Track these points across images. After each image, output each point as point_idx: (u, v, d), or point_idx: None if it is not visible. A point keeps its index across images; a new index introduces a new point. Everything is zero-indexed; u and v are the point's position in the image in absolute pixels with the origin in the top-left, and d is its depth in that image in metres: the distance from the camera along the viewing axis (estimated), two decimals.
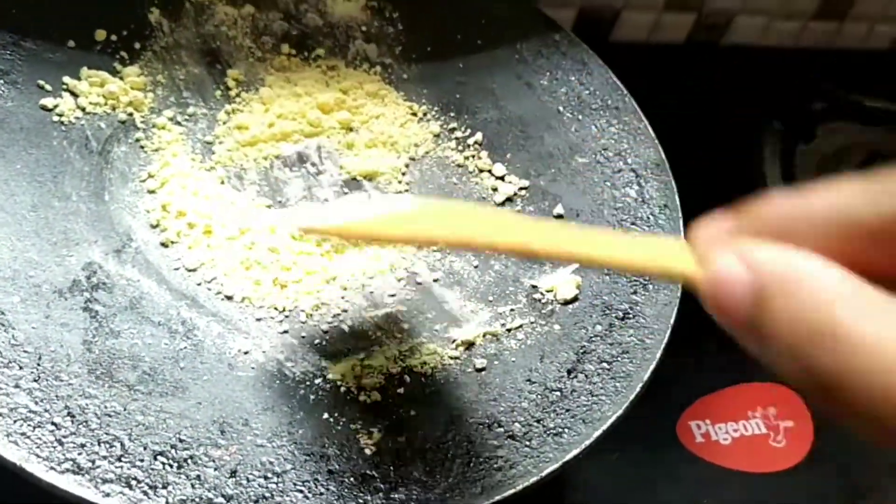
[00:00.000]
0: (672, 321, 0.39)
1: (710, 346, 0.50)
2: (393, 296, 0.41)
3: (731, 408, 0.48)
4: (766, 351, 0.17)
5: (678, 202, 0.45)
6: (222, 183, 0.43)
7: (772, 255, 0.17)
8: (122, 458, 0.31)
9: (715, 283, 0.18)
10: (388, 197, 0.44)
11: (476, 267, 0.43)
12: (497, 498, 0.33)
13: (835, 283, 0.16)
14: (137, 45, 0.46)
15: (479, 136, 0.49)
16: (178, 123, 0.45)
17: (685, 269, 0.21)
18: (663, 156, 0.47)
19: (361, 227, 0.30)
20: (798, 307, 0.16)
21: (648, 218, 0.44)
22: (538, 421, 0.36)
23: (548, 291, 0.42)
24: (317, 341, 0.38)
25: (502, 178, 0.47)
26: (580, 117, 0.49)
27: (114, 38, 0.45)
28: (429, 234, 0.29)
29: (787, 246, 0.17)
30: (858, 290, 0.15)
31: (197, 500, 0.31)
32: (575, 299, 0.41)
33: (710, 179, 0.50)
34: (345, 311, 0.40)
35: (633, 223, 0.44)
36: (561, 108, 0.50)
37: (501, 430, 0.36)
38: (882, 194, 0.16)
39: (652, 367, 0.38)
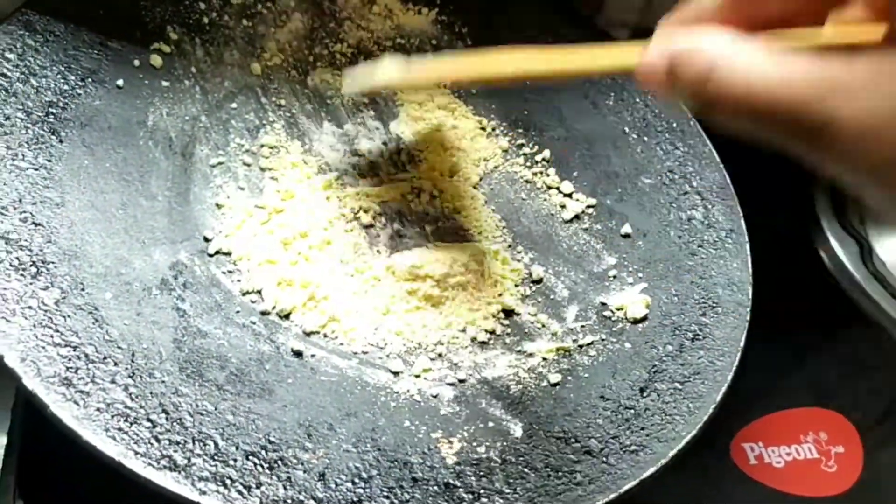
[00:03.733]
0: (742, 344, 0.40)
1: (765, 369, 0.50)
2: (463, 305, 0.42)
3: (784, 431, 0.49)
4: (685, 102, 0.24)
5: (744, 226, 0.45)
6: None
7: (678, 37, 0.24)
8: (216, 457, 0.32)
9: (643, 68, 0.24)
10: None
11: (545, 281, 0.44)
12: None
13: (716, 39, 0.22)
14: (214, 51, 0.47)
15: (546, 153, 0.49)
16: (257, 128, 0.46)
17: (631, 62, 0.26)
18: (728, 180, 0.48)
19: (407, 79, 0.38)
20: (691, 64, 0.23)
21: (715, 242, 0.45)
22: (614, 438, 0.37)
23: (618, 310, 0.42)
24: (393, 351, 0.39)
25: (570, 196, 0.48)
26: (646, 139, 0.50)
27: (197, 40, 0.46)
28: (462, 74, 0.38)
29: (695, 28, 0.24)
30: (733, 40, 0.22)
31: (289, 501, 0.31)
32: (644, 318, 0.42)
33: (757, 205, 0.50)
34: (421, 322, 0.40)
35: (699, 245, 0.45)
36: (626, 129, 0.50)
37: (578, 445, 0.36)
38: None
39: (724, 389, 0.38)
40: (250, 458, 0.32)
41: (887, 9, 0.23)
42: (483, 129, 0.50)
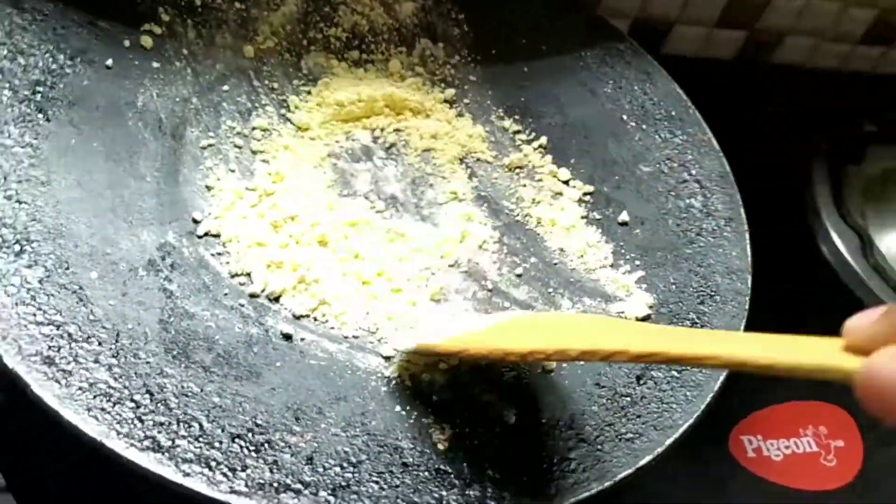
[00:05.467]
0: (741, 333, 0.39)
1: None
2: (458, 292, 0.41)
3: (783, 424, 0.48)
4: None
5: (744, 216, 0.45)
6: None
7: None
8: (201, 439, 0.31)
9: (873, 379, 0.18)
10: (494, 315, 0.39)
11: (541, 269, 0.43)
12: (571, 500, 0.32)
13: None
14: (206, 33, 0.46)
15: (543, 139, 0.49)
16: (249, 111, 0.45)
17: (841, 366, 0.20)
18: (728, 168, 0.47)
19: (474, 339, 0.32)
20: None
21: (714, 230, 0.44)
22: (609, 425, 0.36)
23: (618, 313, 0.41)
24: (384, 336, 0.38)
25: (567, 183, 0.47)
26: (644, 126, 0.49)
27: (189, 21, 0.45)
28: (557, 346, 0.29)
29: None
30: None
31: (275, 484, 0.30)
32: (647, 318, 0.41)
33: (757, 198, 0.50)
34: (414, 307, 0.39)
35: (698, 234, 0.44)
36: (625, 117, 0.50)
37: (572, 432, 0.35)
38: None
39: (722, 378, 0.37)
40: (236, 440, 0.31)
41: None
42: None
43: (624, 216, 0.45)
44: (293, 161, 0.43)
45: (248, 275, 0.38)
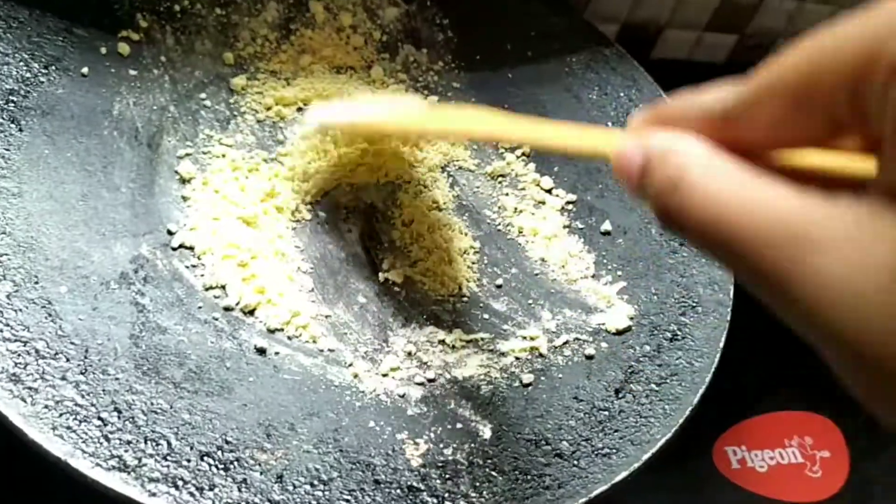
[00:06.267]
0: (721, 345, 0.39)
1: (749, 371, 0.49)
2: (439, 305, 0.40)
3: (768, 435, 0.48)
4: (650, 206, 0.20)
5: None
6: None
7: (658, 137, 0.20)
8: (169, 458, 0.31)
9: (618, 158, 0.22)
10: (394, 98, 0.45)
11: (522, 279, 0.42)
12: None
13: (693, 150, 0.19)
14: (185, 40, 0.45)
15: (526, 147, 0.48)
16: (228, 119, 0.44)
17: (607, 149, 0.23)
18: None
19: (373, 122, 0.33)
20: (663, 168, 0.20)
21: None
22: (586, 440, 0.35)
23: (598, 325, 0.41)
24: (362, 349, 0.38)
25: (550, 191, 0.46)
26: None
27: (168, 28, 0.45)
28: (424, 127, 0.33)
29: (674, 131, 0.20)
30: (710, 155, 0.19)
31: (244, 503, 0.30)
32: (628, 329, 0.40)
33: None
34: (390, 320, 0.39)
35: (681, 244, 0.44)
36: (610, 124, 0.49)
37: (549, 447, 0.35)
38: (730, 91, 0.20)
39: (701, 391, 0.37)
40: (205, 458, 0.31)
41: (880, 142, 0.17)
42: None
43: (607, 225, 0.45)
44: (270, 171, 0.42)
45: (223, 287, 0.38)
